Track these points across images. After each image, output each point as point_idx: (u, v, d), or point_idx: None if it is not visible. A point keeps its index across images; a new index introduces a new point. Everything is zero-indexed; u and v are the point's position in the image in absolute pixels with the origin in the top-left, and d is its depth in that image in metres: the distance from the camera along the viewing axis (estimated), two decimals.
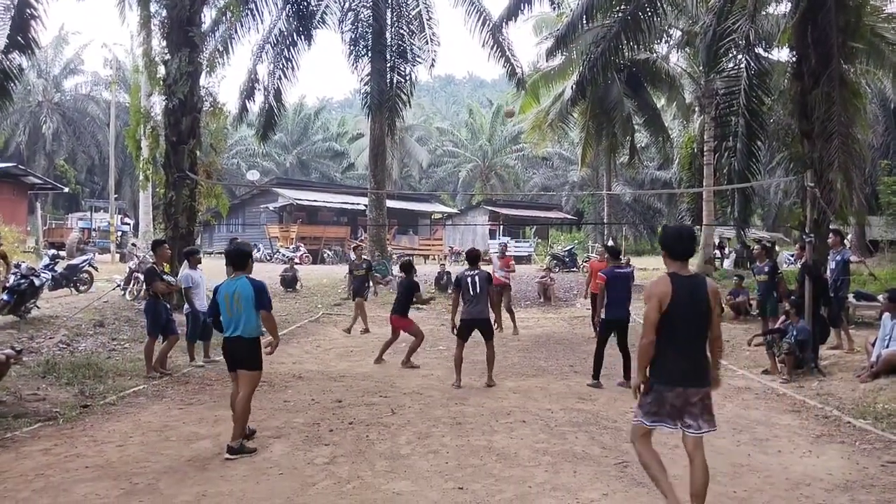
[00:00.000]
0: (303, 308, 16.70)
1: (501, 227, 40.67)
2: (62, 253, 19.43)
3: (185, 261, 9.88)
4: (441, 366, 10.23)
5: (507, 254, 16.24)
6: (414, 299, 10.76)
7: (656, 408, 4.31)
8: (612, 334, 9.11)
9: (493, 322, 9.81)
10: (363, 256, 14.98)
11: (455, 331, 8.99)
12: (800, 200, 11.79)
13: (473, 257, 9.41)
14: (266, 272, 22.17)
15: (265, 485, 5.07)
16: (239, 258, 6.19)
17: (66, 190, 37.47)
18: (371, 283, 14.46)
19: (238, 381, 6.00)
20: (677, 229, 4.49)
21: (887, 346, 8.34)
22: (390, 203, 30.48)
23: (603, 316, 9.14)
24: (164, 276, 9.35)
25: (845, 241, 13.41)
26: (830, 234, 10.88)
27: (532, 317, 16.84)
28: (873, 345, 8.71)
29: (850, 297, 12.86)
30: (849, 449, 6.11)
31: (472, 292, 8.81)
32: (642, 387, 4.35)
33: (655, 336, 4.26)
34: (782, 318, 10.12)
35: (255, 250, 33.65)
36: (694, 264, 23.43)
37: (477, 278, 8.86)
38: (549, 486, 5.06)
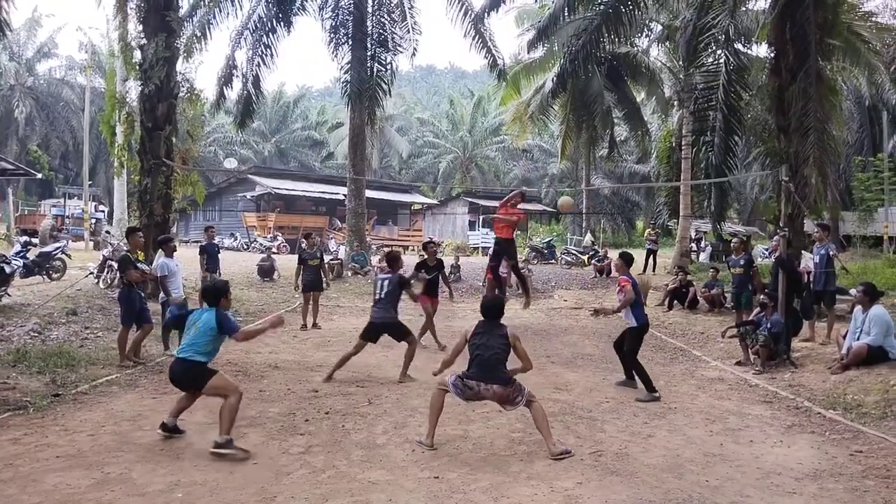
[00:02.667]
0: (280, 298, 16.60)
1: (481, 218, 40.71)
2: (34, 240, 19.09)
3: (160, 249, 9.76)
4: (419, 356, 10.21)
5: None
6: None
7: None
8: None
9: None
10: (315, 245, 13.30)
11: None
12: (775, 195, 11.94)
13: (392, 259, 9.08)
14: (243, 261, 22.02)
15: (239, 474, 5.04)
16: (212, 296, 5.91)
17: (39, 176, 36.65)
18: (325, 275, 13.24)
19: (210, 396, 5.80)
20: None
21: (858, 339, 8.49)
22: (370, 193, 30.33)
23: (636, 322, 8.09)
24: (139, 265, 9.21)
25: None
26: (818, 229, 10.90)
27: (510, 308, 16.81)
28: (844, 337, 8.86)
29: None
30: (819, 439, 6.22)
31: (378, 294, 8.61)
32: None
33: None
34: (756, 310, 10.25)
35: (232, 239, 33.43)
36: (670, 257, 23.66)
37: (387, 282, 8.64)
38: (524, 475, 5.09)
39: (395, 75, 23.30)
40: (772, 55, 12.94)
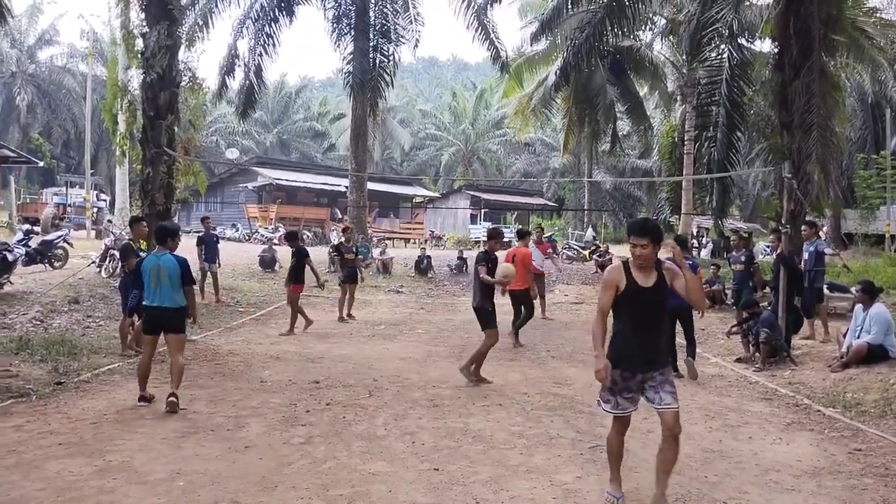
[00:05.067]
0: (281, 289, 16.56)
1: (482, 211, 40.70)
2: (36, 228, 19.08)
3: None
4: (420, 349, 10.25)
5: (543, 239, 15.49)
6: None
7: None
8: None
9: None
10: (351, 239, 14.11)
11: None
12: (777, 191, 11.91)
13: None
14: (244, 252, 22.02)
15: (240, 463, 5.06)
16: (161, 235, 6.88)
17: (41, 164, 36.68)
18: (359, 268, 13.89)
19: (168, 345, 6.75)
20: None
21: (858, 337, 8.50)
22: (371, 185, 30.33)
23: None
24: (141, 253, 9.23)
25: (820, 233, 13.59)
26: (804, 226, 10.95)
27: (510, 302, 16.87)
28: (845, 335, 8.87)
29: (825, 289, 13.07)
30: (818, 436, 6.24)
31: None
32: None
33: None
34: (744, 314, 10.21)
35: (234, 230, 33.43)
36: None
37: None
38: (523, 469, 5.11)
39: (397, 66, 23.26)
40: (775, 51, 12.88)
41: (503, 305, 9.85)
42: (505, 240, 13.99)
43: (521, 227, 19.94)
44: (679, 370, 8.46)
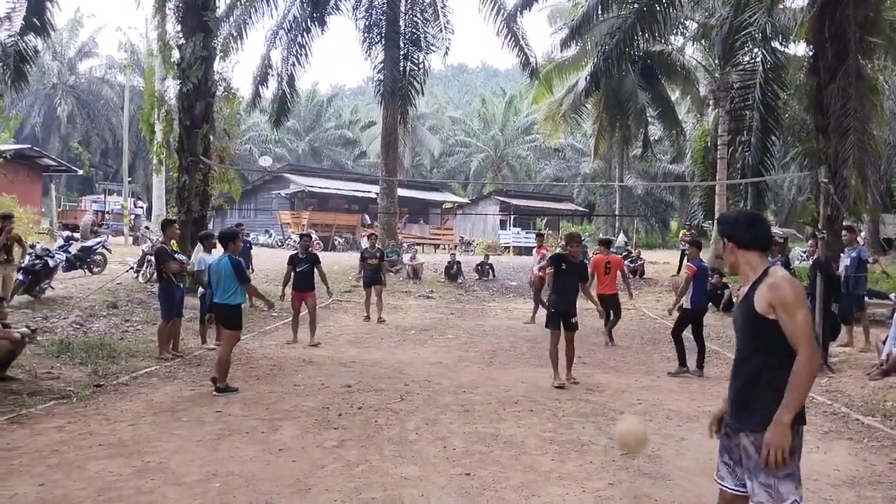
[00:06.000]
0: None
1: (512, 217, 40.62)
2: (76, 235, 19.57)
3: (201, 245, 9.98)
4: (450, 355, 10.28)
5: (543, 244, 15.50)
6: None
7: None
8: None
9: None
10: (377, 245, 14.57)
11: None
12: (813, 196, 11.71)
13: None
14: (277, 258, 22.29)
15: (274, 466, 5.14)
16: (223, 240, 7.82)
17: (80, 172, 37.65)
18: (383, 273, 14.17)
19: (221, 336, 7.92)
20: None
21: None
22: (401, 192, 30.50)
23: (690, 305, 9.15)
24: (176, 256, 9.43)
25: (859, 238, 13.31)
26: (844, 231, 10.76)
27: (541, 308, 16.83)
28: (884, 342, 8.67)
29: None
30: (857, 446, 6.11)
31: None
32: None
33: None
34: None
35: (267, 236, 33.88)
36: (706, 258, 23.35)
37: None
38: (555, 475, 5.10)
39: (427, 74, 23.44)
40: (810, 54, 12.67)
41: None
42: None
43: (604, 236, 20.33)
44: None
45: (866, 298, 12.39)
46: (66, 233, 16.88)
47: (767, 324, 2.93)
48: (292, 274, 11.04)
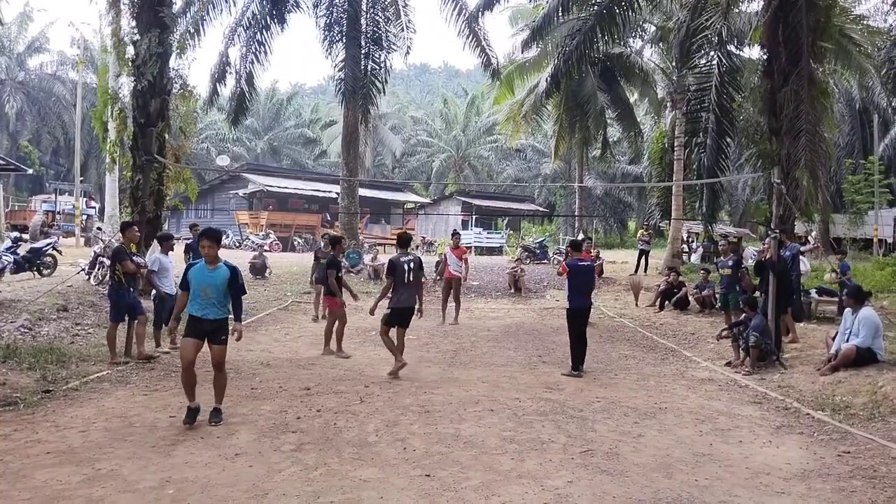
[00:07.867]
0: (272, 296, 16.55)
1: (474, 217, 40.74)
2: (25, 236, 18.98)
3: (158, 245, 9.80)
4: (411, 355, 10.22)
5: (460, 244, 15.27)
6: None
7: None
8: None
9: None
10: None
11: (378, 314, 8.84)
12: (767, 197, 12.01)
13: (405, 241, 9.06)
14: (235, 259, 21.91)
15: (230, 471, 5.04)
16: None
17: (30, 171, 36.44)
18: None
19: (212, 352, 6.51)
20: None
21: (847, 341, 8.56)
22: (363, 191, 30.33)
23: (568, 305, 9.46)
24: (134, 257, 9.23)
25: (810, 237, 13.70)
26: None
27: (502, 307, 16.92)
28: (833, 339, 8.93)
29: (812, 293, 13.18)
30: (807, 439, 6.27)
31: (406, 279, 8.57)
32: None
33: None
34: (743, 315, 10.30)
35: (224, 237, 33.34)
36: (662, 258, 23.74)
37: (412, 264, 8.62)
38: (515, 474, 5.11)
39: (389, 73, 23.31)
40: (764, 57, 13.01)
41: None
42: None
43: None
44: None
45: (815, 296, 12.80)
46: (15, 234, 16.38)
47: None
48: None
